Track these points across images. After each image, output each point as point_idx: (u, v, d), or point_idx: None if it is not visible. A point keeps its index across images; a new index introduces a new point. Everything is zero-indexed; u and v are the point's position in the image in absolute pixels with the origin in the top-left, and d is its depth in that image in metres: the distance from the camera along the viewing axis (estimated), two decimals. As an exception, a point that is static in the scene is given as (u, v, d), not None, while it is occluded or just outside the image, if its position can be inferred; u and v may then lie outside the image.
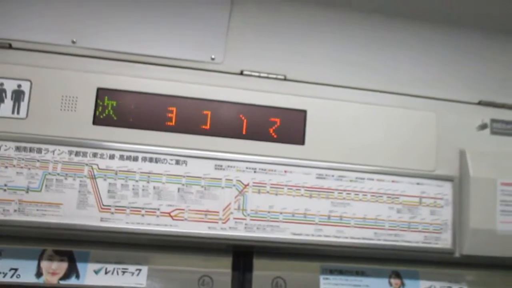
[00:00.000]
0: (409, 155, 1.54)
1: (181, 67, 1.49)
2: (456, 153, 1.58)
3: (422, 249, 1.51)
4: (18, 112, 1.37)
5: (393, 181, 1.52)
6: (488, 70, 1.68)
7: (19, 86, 1.38)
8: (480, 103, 1.66)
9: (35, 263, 1.39)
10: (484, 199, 1.53)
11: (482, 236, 1.52)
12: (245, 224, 1.42)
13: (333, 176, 1.48)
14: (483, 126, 1.61)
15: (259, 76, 1.53)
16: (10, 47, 1.42)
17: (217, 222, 1.41)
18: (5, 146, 1.34)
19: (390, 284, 1.56)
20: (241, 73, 1.53)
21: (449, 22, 1.65)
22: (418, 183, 1.53)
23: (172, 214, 1.39)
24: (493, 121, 1.63)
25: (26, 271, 1.38)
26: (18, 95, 1.37)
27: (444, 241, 1.53)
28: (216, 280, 1.45)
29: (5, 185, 1.33)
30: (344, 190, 1.49)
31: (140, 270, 1.43)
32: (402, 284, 1.57)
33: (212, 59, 1.51)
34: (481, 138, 1.61)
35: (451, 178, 1.55)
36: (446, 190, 1.55)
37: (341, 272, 1.54)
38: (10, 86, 1.37)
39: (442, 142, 1.57)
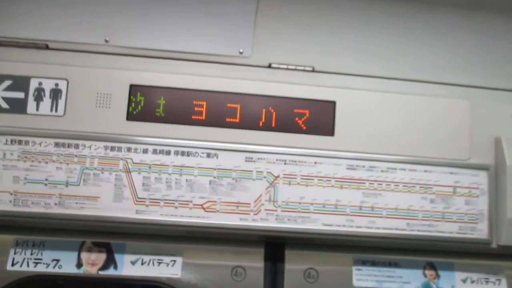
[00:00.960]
0: (442, 144, 1.51)
1: (210, 62, 1.51)
2: (491, 141, 1.54)
3: (457, 240, 1.48)
4: (56, 110, 1.43)
5: (425, 171, 1.49)
6: None
7: (56, 85, 1.44)
8: None
9: (76, 254, 1.45)
10: None
11: None
12: (276, 215, 1.43)
13: (363, 166, 1.48)
14: (520, 113, 1.56)
15: (287, 69, 1.53)
16: (47, 47, 1.48)
17: (248, 214, 1.43)
18: (45, 142, 1.41)
19: (425, 275, 1.54)
20: (269, 66, 1.54)
21: (481, 7, 1.60)
22: (451, 173, 1.50)
23: (205, 206, 1.42)
24: (531, 107, 1.58)
25: (67, 262, 1.44)
26: (56, 94, 1.43)
27: (480, 231, 1.49)
28: (249, 271, 1.47)
29: (46, 179, 1.39)
30: (376, 181, 1.47)
31: (175, 261, 1.46)
32: (437, 275, 1.54)
33: (240, 53, 1.53)
34: None
35: (486, 166, 1.52)
36: (481, 179, 1.51)
37: (373, 264, 1.53)
38: (48, 85, 1.43)
39: (476, 130, 1.53)
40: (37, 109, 1.42)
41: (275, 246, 1.51)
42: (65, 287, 1.51)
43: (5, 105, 1.42)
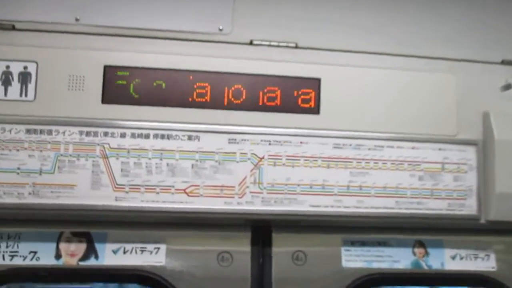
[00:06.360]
0: (429, 120, 1.49)
1: (189, 40, 1.46)
2: (479, 116, 1.52)
3: (446, 217, 1.47)
4: (26, 95, 1.36)
5: (413, 148, 1.47)
6: (510, 27, 1.60)
7: (25, 68, 1.37)
8: (503, 62, 1.59)
9: (54, 245, 1.40)
10: (510, 162, 1.47)
11: (508, 200, 1.47)
12: (262, 197, 1.40)
13: (350, 145, 1.45)
14: (507, 87, 1.54)
15: (269, 45, 1.49)
16: (13, 28, 1.40)
17: (233, 197, 1.39)
18: (16, 129, 1.34)
19: (414, 253, 1.54)
20: (251, 43, 1.49)
21: None
22: (440, 149, 1.48)
23: (187, 190, 1.37)
24: (518, 80, 1.56)
25: (45, 254, 1.39)
26: (25, 77, 1.36)
27: (468, 207, 1.48)
28: (235, 256, 1.44)
29: (18, 168, 1.33)
30: (363, 159, 1.45)
31: (158, 248, 1.42)
32: (426, 253, 1.54)
33: (220, 30, 1.47)
34: (506, 99, 1.54)
35: (474, 142, 1.50)
36: (469, 154, 1.50)
37: (363, 244, 1.52)
38: (16, 68, 1.36)
39: (464, 104, 1.51)
40: (6, 94, 1.35)
41: (261, 230, 1.49)
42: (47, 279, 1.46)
43: None
